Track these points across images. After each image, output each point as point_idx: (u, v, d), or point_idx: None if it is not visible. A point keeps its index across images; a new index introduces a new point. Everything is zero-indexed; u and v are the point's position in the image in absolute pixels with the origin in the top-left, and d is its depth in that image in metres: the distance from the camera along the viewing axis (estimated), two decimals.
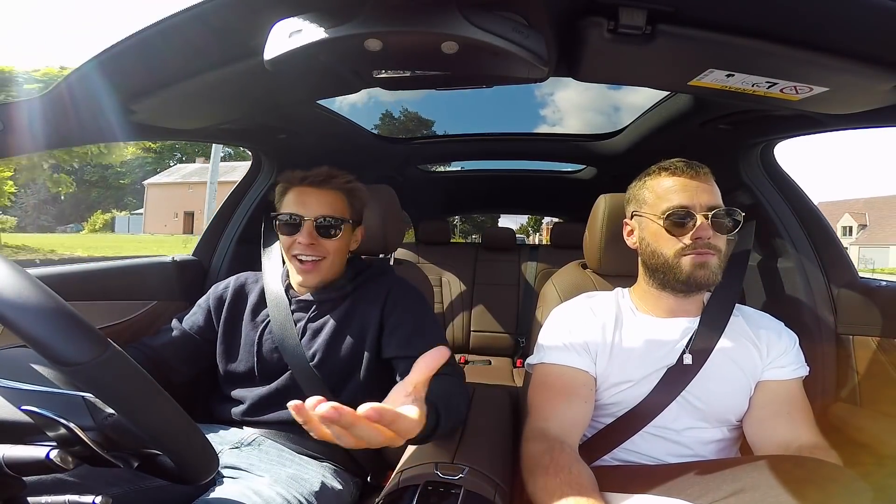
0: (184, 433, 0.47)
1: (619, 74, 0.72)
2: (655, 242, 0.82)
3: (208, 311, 1.00)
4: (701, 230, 0.77)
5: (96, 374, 0.40)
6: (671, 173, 0.82)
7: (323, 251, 0.91)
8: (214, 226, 1.41)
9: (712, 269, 0.78)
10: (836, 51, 0.56)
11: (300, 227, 0.89)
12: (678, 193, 0.79)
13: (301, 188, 0.92)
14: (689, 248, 0.78)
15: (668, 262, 0.80)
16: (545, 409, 0.78)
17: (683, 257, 0.78)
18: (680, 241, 0.79)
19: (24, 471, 0.42)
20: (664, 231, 0.80)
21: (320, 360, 0.90)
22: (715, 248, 0.78)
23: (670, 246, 0.80)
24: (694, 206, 0.78)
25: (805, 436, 0.75)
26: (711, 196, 0.79)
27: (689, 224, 0.78)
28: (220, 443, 0.84)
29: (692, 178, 0.80)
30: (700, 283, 0.78)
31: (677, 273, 0.79)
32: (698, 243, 0.77)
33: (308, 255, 0.90)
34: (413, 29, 0.49)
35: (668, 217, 0.79)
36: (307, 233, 0.89)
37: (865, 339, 0.99)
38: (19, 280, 0.38)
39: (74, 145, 0.85)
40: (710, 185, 0.81)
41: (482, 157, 2.16)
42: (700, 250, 0.77)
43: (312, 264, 0.91)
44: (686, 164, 0.82)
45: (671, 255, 0.80)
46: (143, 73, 0.70)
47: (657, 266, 0.82)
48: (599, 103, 20.67)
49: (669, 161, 0.84)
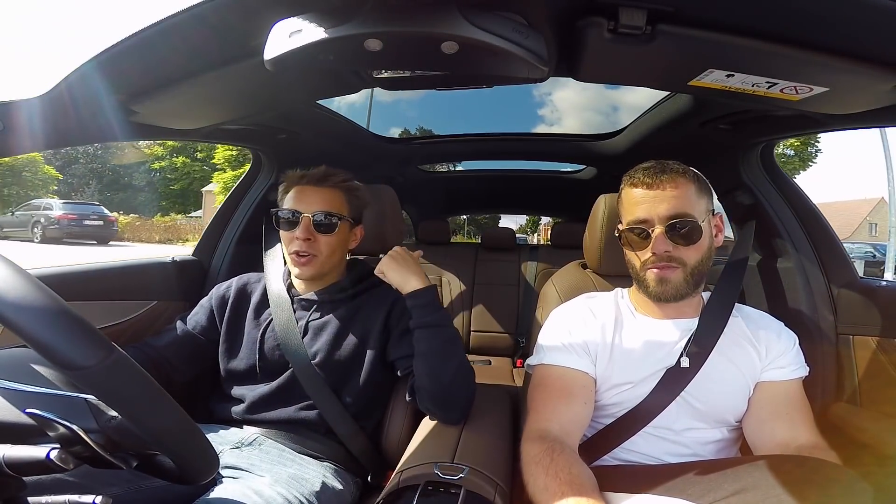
0: (186, 435, 0.47)
1: (619, 74, 0.72)
2: (627, 253, 0.83)
3: (211, 310, 1.00)
4: (656, 244, 0.75)
5: (102, 378, 0.40)
6: (633, 183, 0.81)
7: (319, 247, 0.92)
8: (214, 226, 1.41)
9: (674, 284, 0.77)
10: (836, 51, 0.56)
11: (298, 223, 0.92)
12: (637, 206, 0.78)
13: (300, 186, 0.95)
14: (649, 262, 0.78)
15: (637, 274, 0.82)
16: (545, 410, 0.78)
17: (648, 271, 0.79)
18: (641, 255, 0.79)
19: (24, 471, 0.42)
20: (628, 244, 0.81)
21: (322, 359, 0.90)
22: (678, 261, 0.76)
23: (635, 259, 0.81)
24: (651, 218, 0.76)
25: (804, 436, 0.74)
26: (671, 204, 0.75)
27: (647, 239, 0.77)
28: (220, 443, 0.84)
29: (650, 188, 0.77)
30: (663, 298, 0.78)
31: (645, 286, 0.80)
32: (656, 257, 0.76)
33: (305, 250, 0.91)
34: (413, 29, 0.49)
35: (628, 231, 0.79)
36: (305, 228, 0.91)
37: (865, 339, 0.99)
38: (25, 284, 0.39)
39: (74, 145, 0.85)
40: (674, 191, 0.76)
41: (482, 157, 2.16)
42: (660, 264, 0.77)
43: (308, 258, 0.92)
44: (645, 173, 0.79)
45: (638, 267, 0.81)
46: (143, 73, 0.70)
47: (632, 276, 0.84)
48: (598, 103, 20.67)
49: (637, 168, 0.82)
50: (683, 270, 0.77)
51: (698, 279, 0.79)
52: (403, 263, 0.92)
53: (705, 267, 0.79)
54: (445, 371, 0.83)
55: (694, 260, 0.77)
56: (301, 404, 0.91)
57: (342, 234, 0.96)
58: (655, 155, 0.88)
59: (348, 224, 0.97)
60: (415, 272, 0.90)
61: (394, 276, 0.91)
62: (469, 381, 0.87)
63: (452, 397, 0.84)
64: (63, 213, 11.62)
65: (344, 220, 0.95)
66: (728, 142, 1.18)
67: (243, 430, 0.90)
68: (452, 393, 0.84)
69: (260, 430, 0.89)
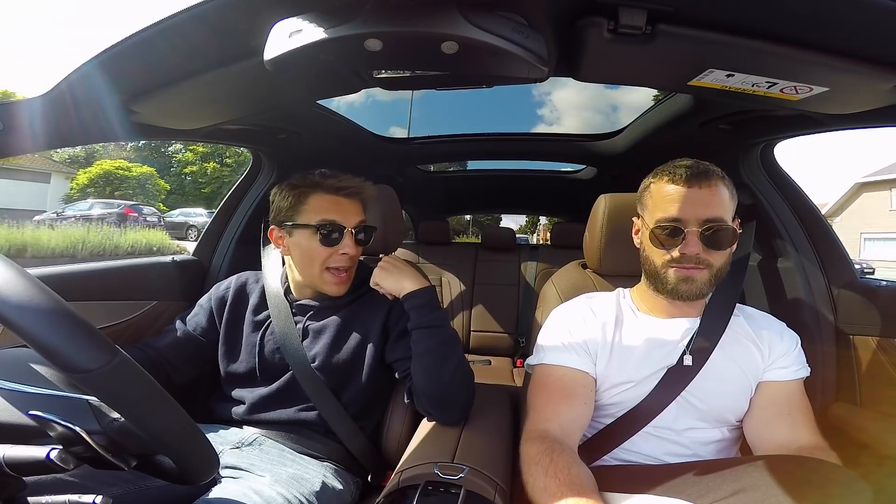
0: (187, 436, 0.47)
1: (619, 74, 0.72)
2: (648, 249, 0.82)
3: (210, 311, 1.00)
4: (687, 246, 0.75)
5: (105, 380, 0.40)
6: (670, 180, 0.78)
7: (356, 260, 0.92)
8: (214, 226, 1.41)
9: (698, 285, 0.76)
10: (836, 51, 0.56)
11: (341, 238, 0.89)
12: (673, 204, 0.76)
13: (335, 197, 0.90)
14: (675, 260, 0.77)
15: (656, 270, 0.80)
16: (545, 410, 0.78)
17: (670, 269, 0.78)
18: (667, 253, 0.78)
19: (24, 471, 0.42)
20: (655, 240, 0.79)
21: (321, 362, 0.90)
22: (705, 263, 0.76)
23: (659, 256, 0.79)
24: (687, 219, 0.75)
25: (805, 437, 0.74)
26: (709, 208, 0.75)
27: (679, 238, 0.76)
28: (220, 443, 0.84)
29: (691, 188, 0.76)
30: (683, 297, 0.78)
31: (664, 283, 0.79)
32: (685, 258, 0.76)
33: (348, 265, 0.91)
34: (413, 29, 0.49)
35: (658, 227, 0.78)
36: (350, 244, 0.89)
37: (865, 339, 0.99)
38: (29, 287, 0.39)
39: (75, 145, 0.85)
40: (713, 194, 0.76)
41: (482, 156, 2.16)
42: (686, 265, 0.76)
43: (346, 274, 0.91)
44: (687, 171, 0.77)
45: (659, 264, 0.79)
46: (143, 73, 0.70)
47: (648, 271, 0.83)
48: (598, 103, 20.69)
49: (675, 164, 0.80)
50: (709, 272, 0.77)
51: (718, 281, 0.79)
52: (395, 270, 0.90)
53: (726, 270, 0.79)
54: (444, 372, 0.83)
55: (720, 263, 0.77)
56: (301, 405, 0.91)
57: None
58: (656, 155, 0.88)
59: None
60: (409, 275, 0.89)
61: (389, 283, 0.90)
62: (468, 382, 0.87)
63: (451, 398, 0.84)
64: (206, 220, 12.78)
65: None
66: (728, 142, 1.18)
67: (243, 431, 0.90)
68: (451, 394, 0.84)
69: (260, 430, 0.89)
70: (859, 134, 3.87)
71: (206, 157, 27.28)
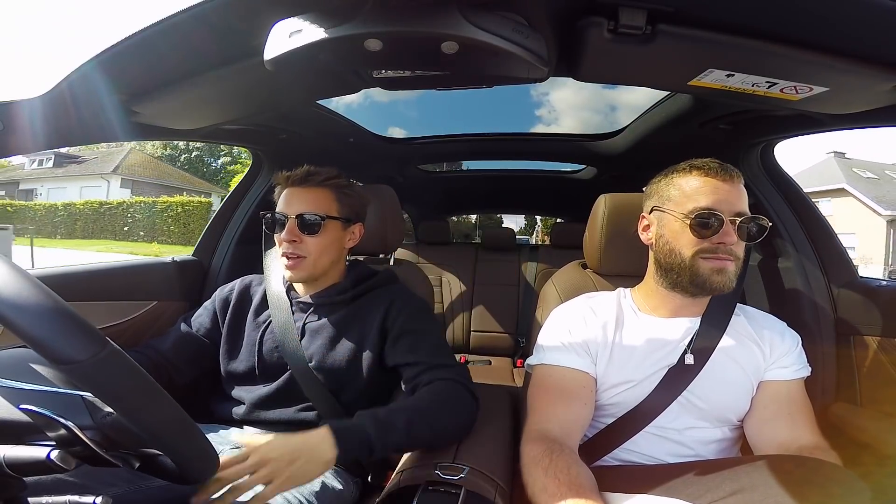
0: (184, 433, 0.47)
1: (619, 74, 0.72)
2: (675, 241, 0.80)
3: (214, 312, 1.01)
4: (725, 235, 0.75)
5: (94, 372, 0.40)
6: (703, 173, 0.79)
7: (307, 248, 0.92)
8: (214, 226, 1.41)
9: (729, 276, 0.77)
10: (836, 51, 0.56)
11: (284, 225, 0.92)
12: (707, 195, 0.77)
13: (288, 188, 0.95)
14: (708, 251, 0.77)
15: (684, 262, 0.78)
16: (545, 411, 0.78)
17: (702, 260, 0.77)
18: (701, 243, 0.77)
19: (24, 471, 0.42)
20: (688, 230, 0.77)
21: (318, 362, 0.90)
22: (734, 255, 0.77)
23: (690, 246, 0.78)
24: (722, 210, 0.76)
25: (806, 437, 0.74)
26: (740, 202, 0.77)
27: (715, 227, 0.76)
28: (220, 443, 0.84)
29: (724, 181, 0.77)
30: (715, 288, 0.77)
31: (692, 274, 0.77)
32: (720, 248, 0.76)
33: (292, 251, 0.91)
34: (413, 29, 0.49)
35: (694, 217, 0.77)
36: (289, 230, 0.91)
37: (865, 339, 0.99)
38: (17, 279, 0.38)
39: (75, 145, 0.85)
40: (740, 190, 0.78)
41: (482, 157, 2.16)
42: (720, 255, 0.76)
43: (297, 259, 0.92)
44: (720, 166, 0.79)
45: (689, 255, 0.78)
46: (143, 73, 0.70)
47: (671, 265, 0.80)
48: (597, 103, 20.72)
49: (702, 160, 0.81)
50: (736, 264, 0.78)
51: (738, 275, 0.80)
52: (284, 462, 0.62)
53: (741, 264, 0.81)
54: (444, 432, 0.76)
55: (742, 255, 0.79)
56: (300, 405, 0.91)
57: (331, 234, 0.94)
58: (656, 155, 0.88)
59: (339, 223, 0.95)
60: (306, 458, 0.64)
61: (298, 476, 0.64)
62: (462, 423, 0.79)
63: (445, 439, 0.78)
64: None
65: (331, 219, 0.93)
66: (728, 142, 1.18)
67: (243, 431, 0.90)
68: (445, 438, 0.77)
69: (260, 430, 0.89)
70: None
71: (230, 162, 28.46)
